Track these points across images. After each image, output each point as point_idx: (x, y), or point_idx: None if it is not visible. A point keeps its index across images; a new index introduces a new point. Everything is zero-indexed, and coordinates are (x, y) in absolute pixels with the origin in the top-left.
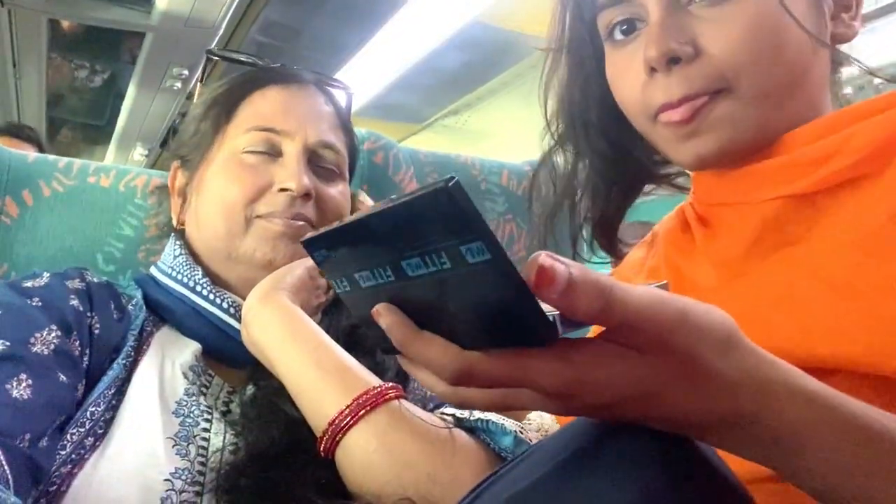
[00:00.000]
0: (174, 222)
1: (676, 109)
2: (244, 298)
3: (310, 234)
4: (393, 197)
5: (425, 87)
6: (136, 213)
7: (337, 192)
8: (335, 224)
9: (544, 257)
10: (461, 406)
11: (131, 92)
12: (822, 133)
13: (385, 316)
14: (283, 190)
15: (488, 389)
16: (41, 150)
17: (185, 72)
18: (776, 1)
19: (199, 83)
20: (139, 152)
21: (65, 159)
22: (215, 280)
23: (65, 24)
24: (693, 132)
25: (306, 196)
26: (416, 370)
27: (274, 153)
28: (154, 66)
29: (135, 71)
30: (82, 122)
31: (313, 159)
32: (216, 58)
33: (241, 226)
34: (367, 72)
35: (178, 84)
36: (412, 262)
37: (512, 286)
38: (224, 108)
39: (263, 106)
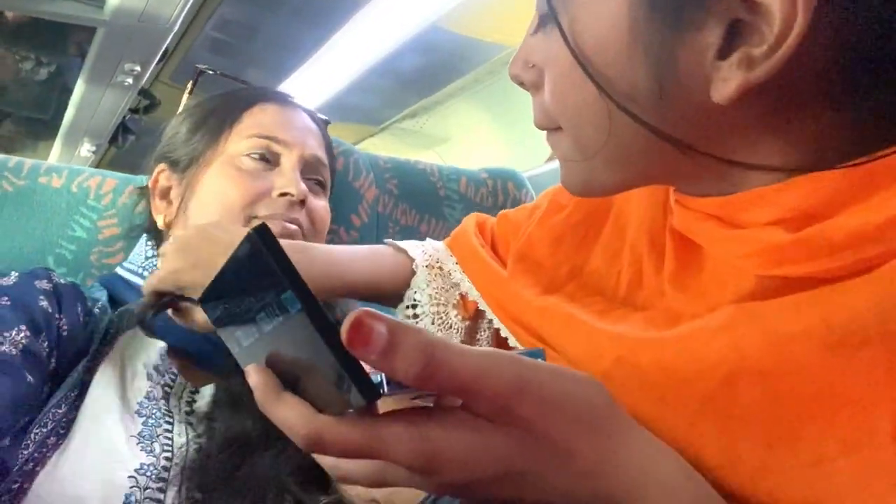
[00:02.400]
0: (160, 224)
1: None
2: None
3: (203, 292)
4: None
5: (383, 90)
6: (88, 214)
7: (322, 205)
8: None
9: (363, 314)
10: (343, 481)
11: (80, 86)
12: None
13: (251, 376)
14: (282, 195)
15: (364, 461)
16: None
17: (138, 67)
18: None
19: (187, 94)
20: (87, 148)
21: (14, 158)
22: None
23: (9, 14)
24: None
25: (302, 203)
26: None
27: (272, 161)
28: (105, 61)
29: (84, 65)
30: (26, 116)
31: (305, 172)
32: (209, 73)
33: (239, 226)
34: (324, 73)
35: (130, 80)
36: (261, 315)
37: (328, 341)
38: (226, 116)
39: (264, 118)
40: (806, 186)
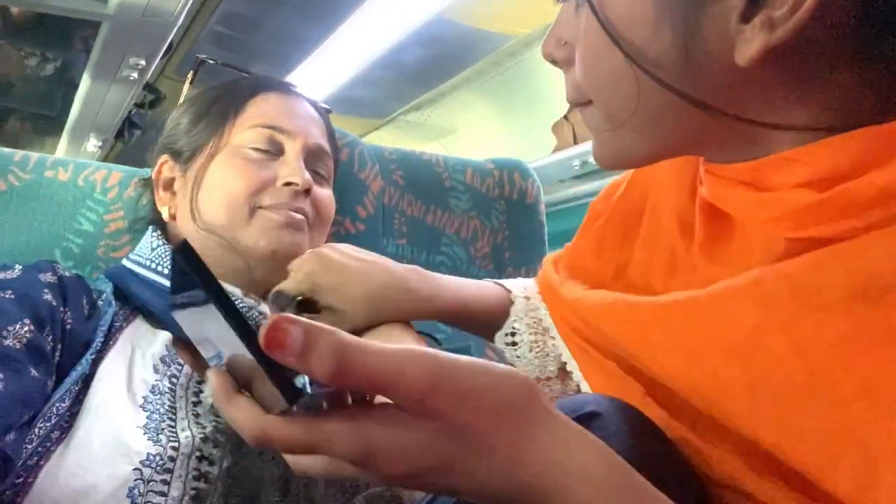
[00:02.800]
0: (165, 215)
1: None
2: (237, 289)
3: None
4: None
5: (388, 83)
6: (95, 207)
7: (326, 194)
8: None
9: (279, 318)
10: (304, 475)
11: (85, 82)
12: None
13: (212, 378)
14: (287, 184)
15: (319, 456)
16: None
17: (142, 62)
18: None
19: (188, 84)
20: (93, 143)
21: (21, 152)
22: None
23: (14, 10)
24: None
25: (307, 192)
26: None
27: (275, 151)
28: (110, 56)
29: (89, 60)
30: (32, 112)
31: (309, 161)
32: (209, 62)
33: (245, 216)
34: (329, 66)
35: (135, 74)
36: (209, 312)
37: (249, 346)
38: (229, 106)
39: (268, 107)
40: (832, 148)
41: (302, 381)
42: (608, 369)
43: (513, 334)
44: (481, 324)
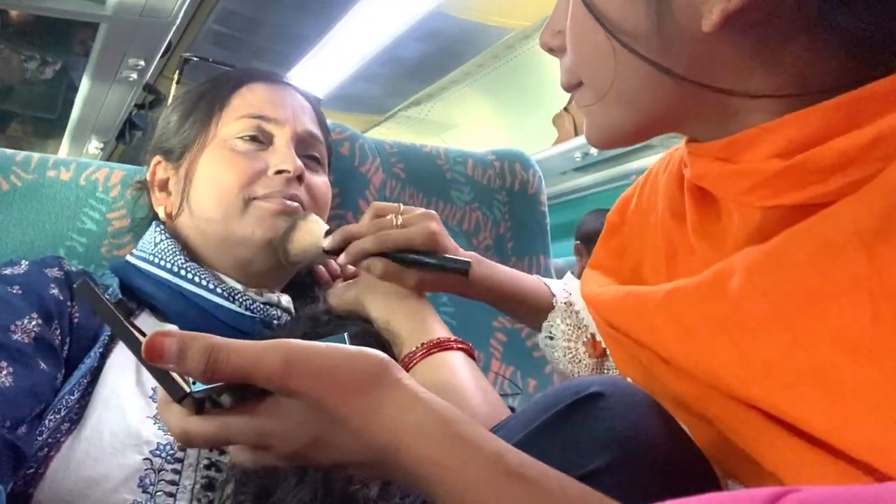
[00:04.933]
0: (162, 216)
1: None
2: (238, 282)
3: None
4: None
5: (387, 78)
6: (98, 206)
7: (321, 181)
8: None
9: (155, 334)
10: (240, 465)
11: (85, 84)
12: (824, 129)
13: (159, 395)
14: (278, 173)
15: (244, 450)
16: None
17: (142, 62)
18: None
19: (175, 83)
20: (94, 146)
21: (22, 153)
22: (204, 266)
23: (13, 13)
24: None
25: (300, 178)
26: None
27: (265, 141)
28: (109, 57)
29: (88, 62)
30: (33, 116)
31: (300, 148)
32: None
33: (238, 208)
34: (328, 63)
35: (134, 75)
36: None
37: (139, 358)
38: (214, 100)
39: (253, 97)
40: (799, 120)
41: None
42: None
43: (551, 337)
44: (532, 316)
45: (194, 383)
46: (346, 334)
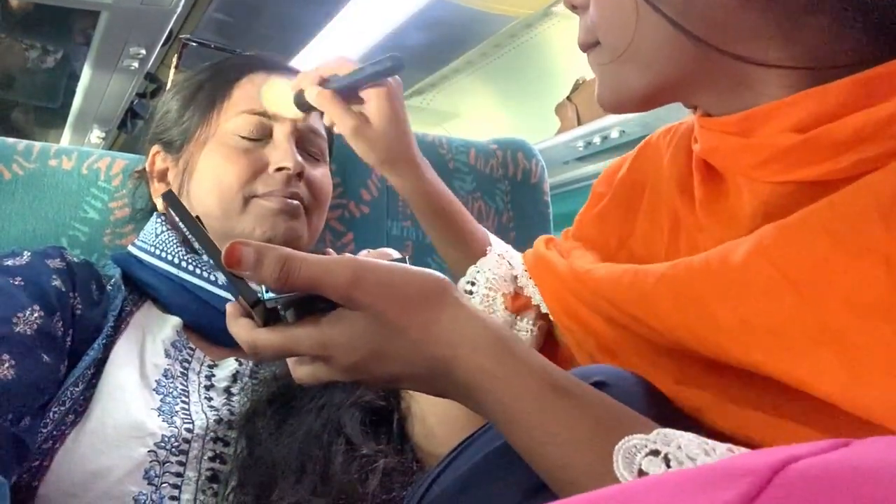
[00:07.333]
0: (160, 206)
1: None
2: None
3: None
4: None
5: None
6: (100, 195)
7: (322, 173)
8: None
9: (233, 244)
10: (301, 382)
11: (86, 73)
12: (840, 105)
13: (228, 308)
14: (279, 170)
15: (305, 366)
16: None
17: (143, 51)
18: None
19: (173, 69)
20: (96, 135)
21: (24, 142)
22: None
23: (14, 2)
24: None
25: (300, 175)
26: None
27: (265, 136)
28: (110, 46)
29: (90, 51)
30: (35, 105)
31: (300, 143)
32: (193, 44)
33: (239, 206)
34: (330, 51)
35: (136, 64)
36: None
37: (218, 266)
38: (215, 92)
39: (254, 91)
40: (819, 94)
41: (261, 288)
42: (617, 340)
43: (472, 283)
44: (452, 244)
45: (266, 297)
46: (406, 257)
